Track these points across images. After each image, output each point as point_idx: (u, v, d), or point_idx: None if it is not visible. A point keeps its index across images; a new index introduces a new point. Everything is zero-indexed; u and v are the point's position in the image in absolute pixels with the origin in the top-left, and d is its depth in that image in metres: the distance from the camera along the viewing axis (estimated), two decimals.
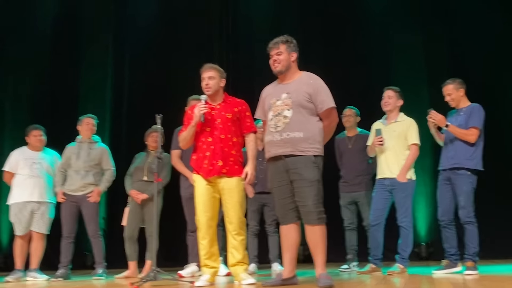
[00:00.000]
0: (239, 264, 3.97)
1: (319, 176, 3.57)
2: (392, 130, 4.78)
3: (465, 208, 4.35)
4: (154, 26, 8.39)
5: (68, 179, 5.52)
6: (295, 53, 3.77)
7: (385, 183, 4.75)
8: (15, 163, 5.59)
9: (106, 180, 5.56)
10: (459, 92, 4.55)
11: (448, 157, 4.50)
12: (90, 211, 5.46)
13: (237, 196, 3.96)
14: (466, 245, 4.37)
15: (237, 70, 8.05)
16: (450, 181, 4.48)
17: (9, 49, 8.33)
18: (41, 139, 5.68)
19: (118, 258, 6.18)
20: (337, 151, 5.69)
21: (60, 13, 8.47)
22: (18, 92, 8.24)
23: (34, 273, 5.44)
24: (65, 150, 5.65)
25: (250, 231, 5.55)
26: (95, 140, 5.70)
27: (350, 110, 5.62)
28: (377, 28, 7.66)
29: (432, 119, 4.50)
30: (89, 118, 5.70)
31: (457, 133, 4.43)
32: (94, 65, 8.33)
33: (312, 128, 3.61)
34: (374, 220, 4.77)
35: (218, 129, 3.97)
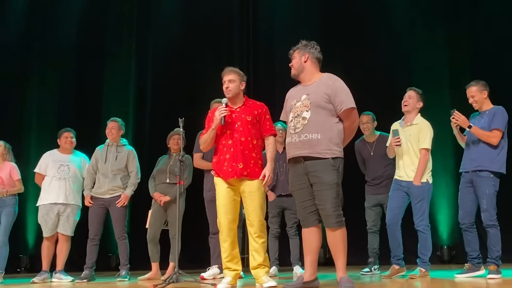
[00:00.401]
0: (260, 267, 3.98)
1: (338, 179, 3.55)
2: (408, 134, 4.72)
3: (488, 211, 4.31)
4: (176, 29, 8.48)
5: (96, 182, 5.63)
6: (308, 53, 3.76)
7: (402, 184, 4.73)
8: (45, 165, 5.71)
9: (132, 184, 5.63)
10: (483, 94, 4.52)
11: (471, 159, 4.45)
12: (118, 214, 5.55)
13: (258, 199, 3.98)
14: (489, 249, 4.33)
15: (257, 73, 8.09)
16: (472, 183, 4.44)
17: (35, 53, 8.54)
18: (71, 141, 5.79)
19: (142, 260, 6.27)
20: (358, 156, 5.66)
21: (85, 17, 8.64)
22: (44, 95, 8.44)
23: (59, 275, 5.54)
24: (95, 152, 5.76)
25: (271, 234, 5.55)
26: (123, 143, 5.78)
27: (367, 117, 5.54)
28: (398, 27, 7.61)
29: (455, 119, 4.46)
30: (112, 122, 5.78)
31: (480, 135, 4.39)
32: (118, 67, 8.48)
33: (331, 129, 3.59)
34: (391, 219, 4.72)
35: (238, 131, 4.00)
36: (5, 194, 5.71)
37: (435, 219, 6.91)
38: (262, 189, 4.03)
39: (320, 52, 3.82)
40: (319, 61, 3.82)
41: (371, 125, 5.54)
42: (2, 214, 5.74)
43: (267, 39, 8.16)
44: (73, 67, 8.48)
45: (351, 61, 7.51)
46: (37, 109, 8.43)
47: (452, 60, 7.22)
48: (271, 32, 8.18)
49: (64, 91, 8.43)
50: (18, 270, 7.59)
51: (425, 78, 7.15)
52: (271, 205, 5.57)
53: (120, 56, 8.51)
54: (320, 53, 3.82)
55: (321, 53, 3.82)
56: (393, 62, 7.47)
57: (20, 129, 8.26)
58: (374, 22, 7.72)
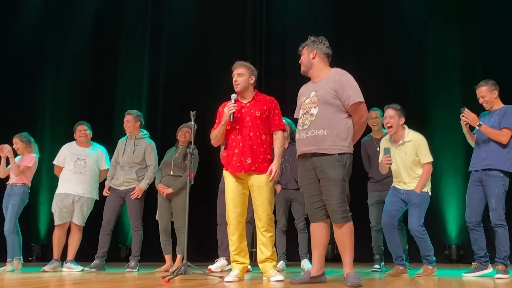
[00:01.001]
0: (268, 261, 4.02)
1: (344, 175, 3.55)
2: (404, 153, 4.62)
3: (497, 211, 4.29)
4: (189, 23, 8.54)
5: (115, 174, 5.72)
6: (316, 50, 3.77)
7: (400, 191, 4.67)
8: (63, 157, 5.81)
9: (148, 177, 5.66)
10: (493, 94, 4.51)
11: (481, 158, 4.44)
12: (133, 205, 5.62)
13: (266, 193, 4.01)
14: (497, 249, 4.32)
15: (269, 68, 8.12)
16: (481, 182, 4.42)
17: (50, 46, 8.66)
18: (85, 134, 5.87)
19: (153, 252, 6.34)
20: (364, 154, 5.67)
21: (99, 9, 8.74)
22: (58, 87, 8.57)
23: (69, 264, 5.63)
24: (118, 144, 5.85)
25: (278, 229, 5.58)
26: (142, 135, 5.82)
27: (375, 112, 5.54)
28: (410, 27, 7.60)
29: (465, 117, 4.45)
30: (127, 115, 5.82)
31: (489, 133, 4.39)
32: (131, 61, 8.56)
33: (338, 125, 3.59)
34: (387, 221, 4.62)
35: (247, 127, 4.03)
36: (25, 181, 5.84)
37: (444, 218, 6.91)
38: (271, 183, 4.05)
39: (328, 47, 3.81)
40: (328, 56, 3.81)
41: (380, 120, 5.54)
42: (10, 202, 5.86)
43: (280, 35, 8.18)
44: (88, 60, 8.60)
45: (363, 58, 7.52)
46: (51, 101, 8.56)
47: (463, 59, 7.20)
48: (283, 28, 8.20)
49: (78, 84, 8.56)
50: (30, 259, 7.71)
51: (437, 77, 7.15)
52: (278, 199, 5.58)
53: (134, 49, 8.60)
54: (328, 48, 3.81)
55: (330, 48, 3.81)
56: (404, 60, 7.46)
57: (35, 120, 8.38)
58: (386, 21, 7.72)
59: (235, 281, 3.90)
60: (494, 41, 7.09)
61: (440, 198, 6.77)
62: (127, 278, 4.42)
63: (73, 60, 8.58)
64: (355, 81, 3.69)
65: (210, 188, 5.71)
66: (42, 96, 8.58)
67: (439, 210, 6.82)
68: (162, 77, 8.50)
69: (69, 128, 6.00)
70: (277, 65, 8.00)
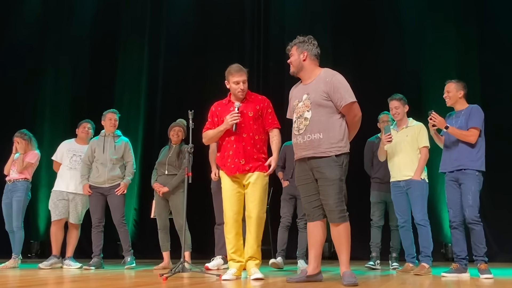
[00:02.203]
0: (251, 259, 4.02)
1: (341, 175, 3.59)
2: (405, 135, 4.92)
3: (473, 208, 4.29)
4: (188, 20, 8.57)
5: (94, 171, 5.68)
6: (306, 51, 3.74)
7: (400, 184, 4.89)
8: (61, 153, 5.87)
9: (130, 173, 5.74)
10: (458, 93, 4.53)
11: (452, 159, 4.46)
12: (117, 202, 5.65)
13: (259, 191, 4.00)
14: (476, 246, 4.32)
15: (267, 67, 8.14)
16: (457, 181, 4.43)
17: (50, 43, 8.67)
18: (88, 132, 5.92)
19: (150, 249, 6.38)
20: (368, 153, 5.71)
21: (99, 7, 8.75)
22: (58, 86, 8.61)
23: (68, 261, 5.68)
24: (90, 143, 5.81)
25: (282, 224, 5.58)
26: (117, 134, 5.86)
27: (386, 116, 5.64)
28: (409, 27, 7.64)
29: (432, 120, 4.48)
30: (111, 113, 5.84)
31: (457, 135, 4.40)
32: (130, 59, 8.59)
33: (333, 127, 3.61)
34: (404, 222, 4.90)
35: (240, 127, 4.03)
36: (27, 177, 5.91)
37: (440, 217, 6.95)
38: (264, 182, 4.04)
39: (317, 47, 3.79)
40: (318, 57, 3.79)
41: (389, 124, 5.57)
42: (13, 199, 5.90)
43: (278, 34, 8.19)
44: (87, 58, 8.63)
45: (361, 57, 7.55)
46: (51, 98, 8.59)
47: (460, 60, 7.24)
48: (282, 27, 8.22)
49: (78, 82, 8.59)
50: (29, 256, 7.77)
51: (434, 77, 7.18)
52: (284, 193, 5.63)
53: (133, 47, 8.63)
54: (318, 48, 3.79)
55: (319, 47, 3.79)
56: (402, 59, 7.50)
57: (34, 117, 8.41)
58: (384, 19, 7.75)
59: (232, 279, 3.91)
60: (492, 42, 7.13)
61: (436, 196, 6.80)
62: (125, 276, 4.45)
63: (72, 57, 8.61)
64: (348, 81, 3.69)
65: (205, 187, 5.74)
66: (42, 93, 8.60)
67: (434, 209, 6.86)
68: (161, 75, 8.53)
69: (68, 125, 6.06)
70: (274, 64, 8.03)
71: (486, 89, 6.83)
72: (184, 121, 5.60)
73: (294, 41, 3.83)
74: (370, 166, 5.74)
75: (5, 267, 5.62)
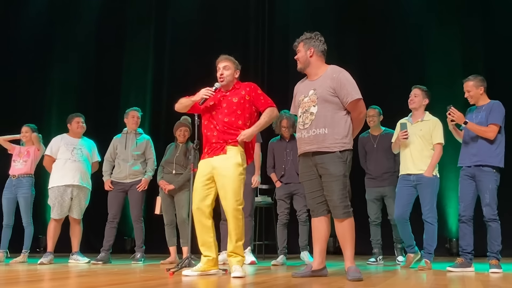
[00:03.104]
0: (232, 256, 3.89)
1: (345, 171, 3.62)
2: (419, 129, 4.83)
3: (491, 206, 4.33)
4: (193, 17, 8.59)
5: (116, 167, 5.80)
6: (313, 48, 3.77)
7: (410, 178, 4.80)
8: (56, 148, 5.82)
9: (151, 170, 5.82)
10: (479, 90, 4.52)
11: (470, 154, 4.46)
12: (136, 198, 5.73)
13: (233, 182, 3.81)
14: (490, 243, 4.36)
15: (271, 62, 8.16)
16: (474, 178, 4.45)
17: (56, 41, 8.74)
18: (82, 126, 5.94)
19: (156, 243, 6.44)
20: (361, 150, 5.76)
21: (104, 4, 8.80)
22: (65, 81, 8.68)
23: (76, 256, 5.75)
24: (113, 140, 5.92)
25: (280, 222, 5.61)
26: (139, 132, 5.94)
27: (373, 110, 5.69)
28: (413, 21, 7.63)
29: (451, 116, 4.48)
30: (134, 111, 5.93)
31: (476, 130, 4.41)
32: (136, 55, 8.64)
33: (338, 123, 3.64)
34: (400, 215, 4.81)
35: (222, 113, 3.95)
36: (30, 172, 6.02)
37: (444, 212, 6.98)
38: (238, 171, 3.84)
39: (324, 43, 3.82)
40: (324, 53, 3.83)
41: (376, 119, 5.69)
42: (19, 195, 5.97)
43: (283, 29, 8.20)
44: (93, 54, 8.70)
45: (365, 53, 7.56)
46: (58, 95, 8.68)
47: (465, 55, 7.23)
48: (287, 22, 8.23)
49: (84, 78, 8.66)
50: (37, 250, 7.87)
51: (438, 73, 7.20)
52: (279, 192, 5.65)
53: (138, 44, 8.67)
54: (324, 44, 3.82)
55: (325, 43, 3.81)
56: (406, 56, 7.50)
57: (42, 113, 8.49)
58: (388, 14, 7.75)
59: (191, 275, 3.78)
60: (497, 36, 7.11)
61: (441, 191, 6.81)
62: (132, 270, 4.51)
63: (78, 54, 8.67)
64: (353, 77, 3.72)
65: None
66: (49, 89, 8.68)
67: (439, 204, 6.86)
68: (166, 71, 8.57)
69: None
70: (279, 60, 8.05)
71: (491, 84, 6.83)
72: (189, 119, 5.65)
73: (301, 37, 3.86)
74: (364, 162, 5.76)
75: (15, 262, 5.70)
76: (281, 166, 5.62)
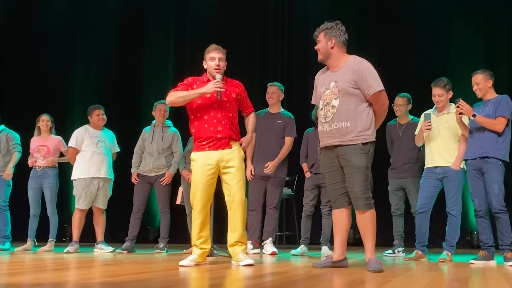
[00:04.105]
0: (237, 244, 3.93)
1: (367, 163, 3.61)
2: (445, 121, 4.80)
3: (499, 197, 4.32)
4: (212, 14, 8.62)
5: (143, 160, 5.90)
6: (334, 38, 3.69)
7: (436, 171, 4.77)
8: (81, 140, 5.89)
9: (176, 163, 5.89)
10: (487, 83, 4.50)
11: (476, 147, 4.45)
12: (162, 190, 5.84)
13: (240, 173, 3.94)
14: (502, 235, 4.35)
15: (292, 55, 8.16)
16: (480, 170, 4.44)
17: (79, 39, 8.90)
18: (103, 118, 6.03)
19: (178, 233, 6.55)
20: (388, 137, 5.74)
21: (125, 3, 8.90)
22: (87, 77, 8.83)
23: (101, 245, 5.89)
24: (142, 132, 6.02)
25: (304, 213, 5.66)
26: (168, 124, 6.02)
27: (401, 99, 5.59)
28: (434, 16, 7.57)
29: (459, 108, 4.45)
30: (162, 104, 5.98)
31: (484, 123, 4.39)
32: (157, 51, 8.72)
33: (361, 115, 3.61)
34: (422, 208, 4.81)
35: (222, 103, 3.95)
36: (55, 164, 6.15)
37: (465, 204, 6.90)
38: (243, 164, 3.98)
39: (345, 33, 3.73)
40: (345, 44, 3.75)
41: (404, 108, 5.57)
42: (44, 185, 6.12)
43: (302, 21, 8.19)
44: (114, 49, 8.81)
45: (387, 46, 7.52)
46: (80, 88, 8.82)
47: (487, 47, 7.16)
48: (306, 15, 8.21)
49: (106, 72, 8.80)
50: (63, 239, 8.07)
51: (460, 65, 7.13)
52: (307, 183, 5.71)
53: (159, 39, 8.76)
54: (345, 34, 3.73)
55: (346, 32, 3.74)
56: (428, 48, 7.45)
57: (64, 106, 8.64)
58: (411, 8, 7.69)
59: (190, 265, 3.80)
60: None
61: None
62: (156, 260, 4.61)
63: (100, 51, 8.80)
64: (375, 68, 3.67)
65: None
66: (71, 84, 8.84)
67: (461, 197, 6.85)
68: (186, 67, 8.63)
69: None
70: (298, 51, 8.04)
71: None
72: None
73: (321, 26, 3.78)
74: (391, 150, 5.71)
75: (42, 251, 5.87)
76: (313, 155, 5.66)
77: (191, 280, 3.04)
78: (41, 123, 6.28)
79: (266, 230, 5.57)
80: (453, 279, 3.20)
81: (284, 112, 5.76)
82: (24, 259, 4.65)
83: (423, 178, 4.89)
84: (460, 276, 3.39)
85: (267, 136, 5.57)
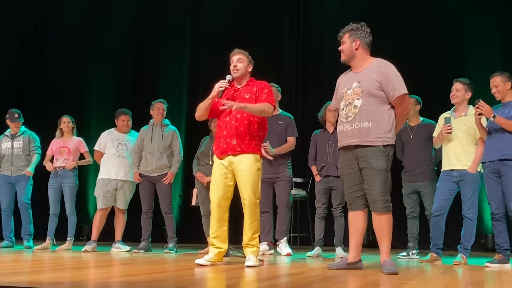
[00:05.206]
0: (248, 246, 4.01)
1: (387, 165, 3.61)
2: (462, 124, 4.76)
3: None
4: (228, 14, 8.67)
5: (143, 160, 5.91)
6: (359, 40, 3.71)
7: (453, 174, 4.74)
8: (104, 143, 6.09)
9: (176, 161, 5.92)
10: (506, 85, 4.46)
11: (495, 149, 4.41)
12: (164, 190, 5.87)
13: (250, 176, 3.97)
14: None
15: (306, 56, 8.18)
16: (498, 173, 4.41)
17: (96, 39, 9.03)
18: (128, 124, 6.15)
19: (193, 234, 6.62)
20: (398, 141, 5.69)
21: (141, 3, 9.00)
22: (105, 77, 8.94)
23: (118, 244, 5.99)
24: (140, 131, 6.04)
25: (317, 214, 5.70)
26: (165, 123, 6.05)
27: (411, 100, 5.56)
28: (452, 16, 7.53)
29: (479, 109, 4.42)
30: (160, 103, 6.04)
31: (504, 124, 4.35)
32: (172, 52, 8.81)
33: (382, 117, 3.61)
34: (438, 210, 4.79)
35: (238, 112, 4.00)
36: (75, 166, 6.23)
37: (480, 207, 6.81)
38: (256, 167, 4.02)
39: (370, 35, 3.75)
40: (370, 46, 3.77)
41: (413, 108, 5.48)
42: (64, 184, 6.22)
43: (318, 21, 8.20)
44: (130, 51, 8.92)
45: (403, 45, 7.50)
46: (97, 89, 8.95)
47: (505, 48, 7.10)
48: (322, 15, 8.22)
49: (122, 74, 8.90)
50: (80, 238, 8.20)
51: (477, 66, 7.08)
52: (318, 186, 5.73)
53: (174, 41, 8.85)
54: (370, 36, 3.75)
55: (371, 35, 3.76)
56: (445, 48, 7.41)
57: (81, 107, 8.77)
58: (427, 6, 7.66)
59: (205, 264, 3.88)
60: None
61: None
62: (173, 259, 4.66)
63: (117, 53, 8.92)
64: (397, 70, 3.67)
65: None
66: (88, 85, 8.97)
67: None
68: (201, 69, 8.69)
69: (113, 116, 6.29)
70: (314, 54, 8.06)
71: None
72: None
73: (346, 27, 3.79)
74: (401, 153, 5.65)
75: (61, 249, 5.97)
76: (322, 158, 5.68)
77: (207, 280, 3.08)
78: (62, 124, 6.38)
79: (280, 231, 5.61)
80: (468, 282, 3.20)
81: (283, 113, 5.80)
82: (44, 257, 4.74)
83: (440, 181, 4.87)
84: (475, 279, 3.38)
85: (270, 138, 5.58)
